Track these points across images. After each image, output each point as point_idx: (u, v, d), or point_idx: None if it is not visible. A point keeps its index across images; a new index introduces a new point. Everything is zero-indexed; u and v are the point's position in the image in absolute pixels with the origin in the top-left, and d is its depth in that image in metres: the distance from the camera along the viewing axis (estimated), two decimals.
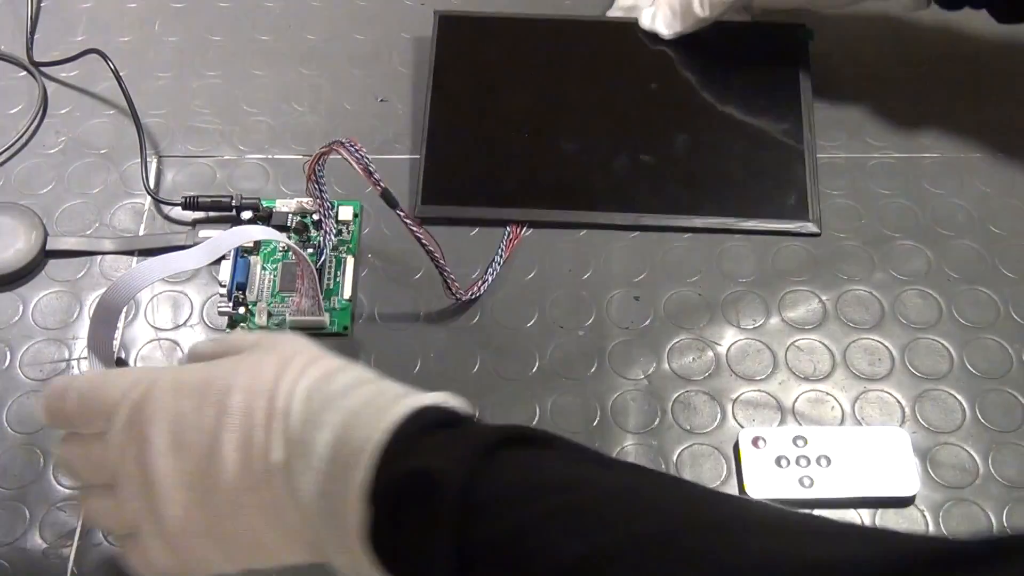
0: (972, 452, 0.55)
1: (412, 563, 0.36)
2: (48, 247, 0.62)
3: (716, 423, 0.57)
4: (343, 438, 0.37)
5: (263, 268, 0.61)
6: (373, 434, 0.37)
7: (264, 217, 0.62)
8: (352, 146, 0.55)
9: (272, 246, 0.61)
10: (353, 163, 0.55)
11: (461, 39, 0.69)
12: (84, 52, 0.68)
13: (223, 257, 0.60)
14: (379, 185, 0.56)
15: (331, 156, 0.57)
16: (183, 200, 0.62)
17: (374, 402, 0.38)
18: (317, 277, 0.57)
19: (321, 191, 0.59)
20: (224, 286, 0.59)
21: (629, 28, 0.69)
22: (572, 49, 0.69)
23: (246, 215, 0.62)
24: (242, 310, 0.59)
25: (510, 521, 0.34)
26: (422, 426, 0.37)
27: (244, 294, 0.60)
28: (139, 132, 0.66)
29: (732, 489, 0.54)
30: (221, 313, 0.59)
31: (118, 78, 0.67)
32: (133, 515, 0.41)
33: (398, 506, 0.36)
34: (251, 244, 0.61)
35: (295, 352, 0.41)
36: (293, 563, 0.41)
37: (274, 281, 0.60)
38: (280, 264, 0.61)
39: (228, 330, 0.59)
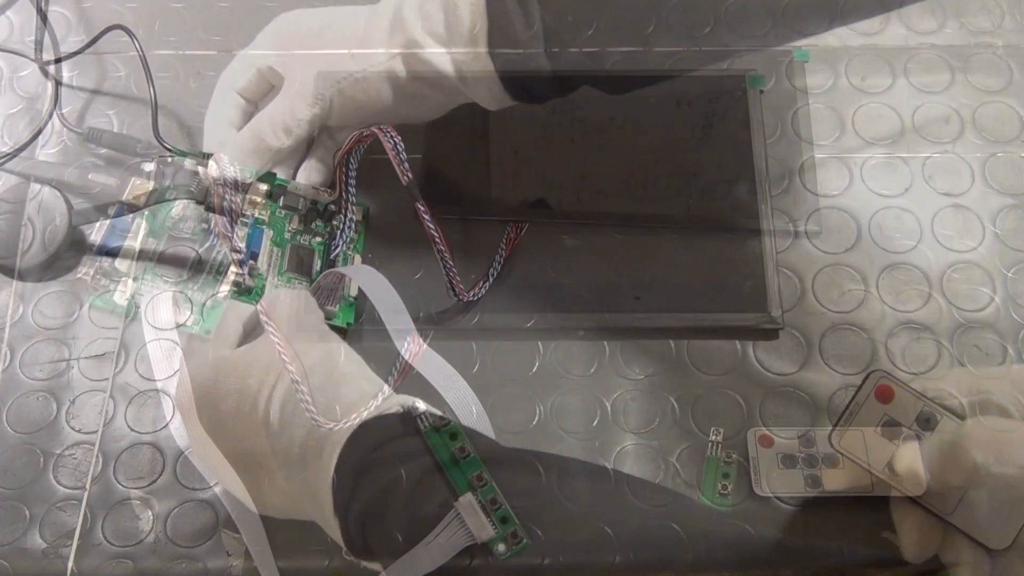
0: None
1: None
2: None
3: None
4: (313, 436, 0.49)
5: (273, 244, 0.59)
6: (333, 447, 0.48)
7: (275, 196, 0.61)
8: (388, 132, 0.54)
9: (282, 224, 0.60)
10: (387, 150, 0.54)
11: None
12: (105, 31, 0.66)
13: (244, 224, 0.59)
14: (407, 175, 0.55)
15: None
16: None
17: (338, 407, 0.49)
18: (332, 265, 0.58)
19: (348, 181, 0.58)
20: (240, 253, 0.57)
21: None
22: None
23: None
24: (252, 280, 0.58)
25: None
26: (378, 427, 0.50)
27: (256, 264, 0.58)
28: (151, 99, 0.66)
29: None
30: (236, 282, 0.57)
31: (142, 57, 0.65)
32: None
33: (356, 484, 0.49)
34: (266, 217, 0.60)
35: (273, 358, 0.50)
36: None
37: (281, 261, 0.60)
38: (289, 246, 0.60)
39: (234, 290, 0.57)
